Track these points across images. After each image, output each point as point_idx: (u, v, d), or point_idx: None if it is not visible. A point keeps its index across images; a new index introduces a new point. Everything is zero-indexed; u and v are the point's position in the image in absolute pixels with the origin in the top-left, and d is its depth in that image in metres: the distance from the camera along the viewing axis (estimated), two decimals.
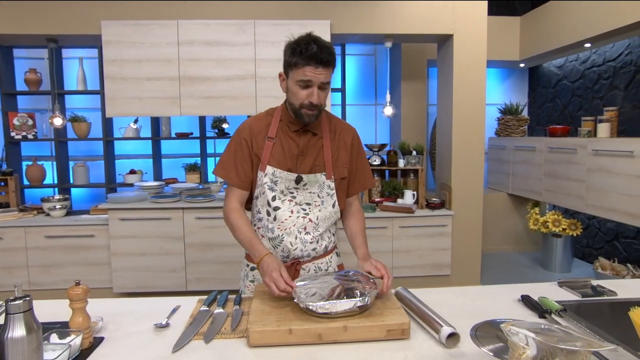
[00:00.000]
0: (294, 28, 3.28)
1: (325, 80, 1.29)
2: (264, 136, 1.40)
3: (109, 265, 3.33)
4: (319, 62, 1.25)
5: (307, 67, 1.26)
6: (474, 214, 3.61)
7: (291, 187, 1.40)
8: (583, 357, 0.85)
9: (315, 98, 1.30)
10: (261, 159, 1.39)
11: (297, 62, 1.27)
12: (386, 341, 1.08)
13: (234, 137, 1.43)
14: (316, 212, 1.42)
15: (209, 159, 4.68)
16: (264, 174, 1.39)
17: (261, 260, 1.25)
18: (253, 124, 1.42)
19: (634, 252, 3.83)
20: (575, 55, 4.40)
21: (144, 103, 3.27)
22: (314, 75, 1.27)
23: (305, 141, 1.41)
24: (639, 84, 3.67)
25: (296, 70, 1.28)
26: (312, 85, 1.29)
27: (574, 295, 1.41)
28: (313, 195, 1.42)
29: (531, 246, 4.88)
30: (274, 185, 1.39)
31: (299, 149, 1.40)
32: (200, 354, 1.03)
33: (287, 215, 1.39)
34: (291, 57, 1.29)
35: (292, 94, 1.33)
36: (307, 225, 1.40)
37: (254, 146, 1.40)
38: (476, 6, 3.40)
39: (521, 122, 4.76)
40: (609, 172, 3.22)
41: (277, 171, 1.38)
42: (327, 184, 1.43)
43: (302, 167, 1.40)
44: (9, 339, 0.82)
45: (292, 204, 1.40)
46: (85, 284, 1.06)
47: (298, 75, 1.28)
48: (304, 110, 1.32)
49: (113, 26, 3.20)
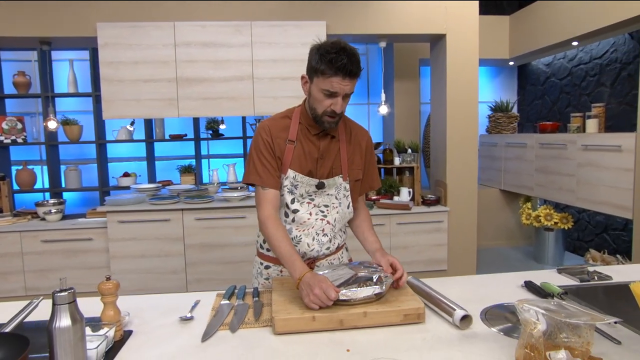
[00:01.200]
0: (290, 29, 3.33)
1: (349, 92, 1.29)
2: (285, 138, 1.39)
3: (108, 269, 3.33)
4: (347, 73, 1.24)
5: (334, 77, 1.24)
6: (468, 209, 3.70)
7: (310, 191, 1.41)
8: (587, 331, 0.92)
9: (338, 108, 1.29)
10: (283, 161, 1.38)
11: (325, 71, 1.24)
12: (403, 325, 1.14)
13: (254, 141, 1.41)
14: (334, 213, 1.44)
15: (204, 160, 4.70)
16: (284, 177, 1.39)
17: (303, 277, 1.19)
18: (272, 125, 1.41)
19: (622, 243, 3.96)
20: (562, 53, 4.53)
21: (141, 105, 3.28)
22: (340, 87, 1.26)
23: (326, 144, 1.41)
24: (625, 80, 3.80)
25: (323, 78, 1.26)
26: (337, 95, 1.28)
27: (572, 280, 1.49)
28: (331, 197, 1.44)
29: (523, 241, 4.99)
30: (294, 188, 1.39)
31: (319, 153, 1.40)
32: (229, 343, 1.07)
33: (306, 218, 1.41)
34: (319, 63, 1.25)
35: (315, 100, 1.32)
36: (325, 227, 1.43)
37: (276, 148, 1.38)
38: (468, 6, 3.49)
39: (511, 119, 4.88)
40: (598, 166, 3.33)
41: (298, 176, 1.38)
42: (343, 185, 1.45)
43: (321, 170, 1.41)
44: (56, 329, 0.85)
45: (310, 206, 1.41)
46: (115, 279, 1.10)
47: (324, 85, 1.26)
48: (326, 117, 1.32)
49: (109, 28, 3.21)
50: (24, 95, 3.99)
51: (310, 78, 1.32)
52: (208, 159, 4.76)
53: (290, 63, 3.36)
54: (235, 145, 4.61)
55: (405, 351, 1.00)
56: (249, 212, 3.33)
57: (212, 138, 4.37)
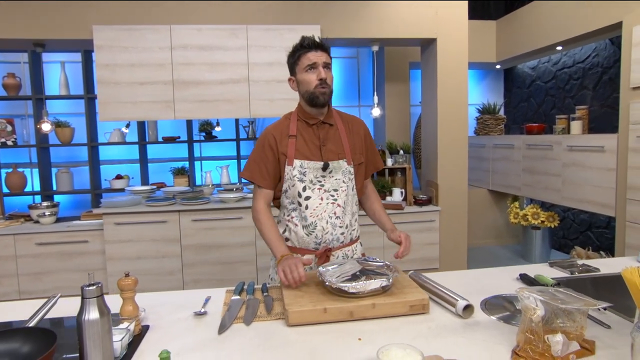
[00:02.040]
0: (285, 32, 3.39)
1: (326, 61, 1.49)
2: (287, 135, 1.54)
3: (104, 271, 3.33)
4: (316, 46, 1.49)
5: (309, 52, 1.48)
6: (459, 209, 3.80)
7: (319, 176, 1.53)
8: (580, 317, 1.00)
9: (323, 74, 1.47)
10: (287, 155, 1.52)
11: (300, 54, 1.50)
12: (409, 315, 1.20)
13: (258, 142, 1.57)
14: (343, 197, 1.56)
15: (197, 162, 4.72)
16: (292, 168, 1.52)
17: (281, 258, 1.39)
18: (274, 127, 1.57)
19: (605, 240, 4.10)
20: (547, 58, 4.68)
21: (137, 107, 3.30)
22: (316, 57, 1.48)
23: (325, 132, 1.56)
24: (606, 84, 3.95)
25: (302, 59, 1.49)
26: (317, 66, 1.48)
27: (563, 273, 1.58)
28: (338, 181, 1.55)
29: (511, 239, 5.13)
30: (303, 176, 1.52)
31: (320, 140, 1.55)
32: (245, 335, 1.13)
33: (317, 203, 1.52)
34: (293, 54, 1.53)
35: (304, 83, 1.50)
36: (336, 210, 1.54)
37: (280, 146, 1.53)
38: (457, 11, 3.60)
39: (499, 121, 5.01)
40: (583, 166, 3.47)
41: (304, 162, 1.52)
42: (348, 169, 1.57)
43: (326, 156, 1.55)
44: (86, 321, 0.89)
45: (321, 192, 1.53)
46: (134, 275, 1.14)
47: (304, 63, 1.49)
48: (318, 89, 1.48)
49: (105, 31, 3.22)
50: (14, 98, 3.96)
51: (292, 71, 1.56)
52: (200, 161, 4.78)
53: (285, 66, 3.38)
54: (229, 147, 4.64)
55: (413, 339, 1.06)
56: (245, 213, 3.37)
57: (205, 140, 4.39)
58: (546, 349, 0.95)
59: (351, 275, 1.25)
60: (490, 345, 1.03)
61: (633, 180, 2.97)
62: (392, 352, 0.89)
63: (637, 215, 2.95)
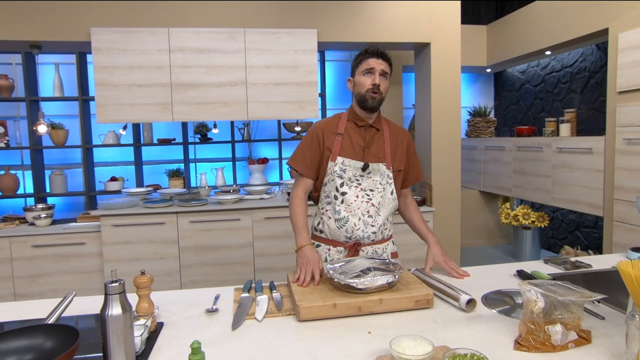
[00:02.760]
0: (283, 36, 3.44)
1: (385, 70, 1.59)
2: (334, 132, 1.66)
3: (101, 273, 3.33)
4: (379, 54, 1.59)
5: (370, 58, 1.59)
6: (453, 210, 3.87)
7: (357, 175, 1.62)
8: (577, 308, 1.06)
9: (377, 80, 1.58)
10: (332, 151, 1.63)
11: (363, 59, 1.60)
12: (414, 310, 1.26)
13: (307, 135, 1.69)
14: (378, 197, 1.64)
15: (191, 164, 4.73)
16: (334, 164, 1.62)
17: (302, 248, 1.51)
18: (325, 123, 1.70)
19: (593, 240, 4.22)
20: (536, 62, 4.80)
21: (135, 109, 3.31)
22: (375, 64, 1.58)
23: (370, 135, 1.67)
24: (593, 88, 4.07)
25: (362, 64, 1.60)
26: (374, 72, 1.58)
27: (557, 269, 1.65)
28: (375, 182, 1.64)
29: (502, 239, 5.23)
30: (343, 173, 1.62)
31: (365, 142, 1.65)
32: (258, 330, 1.17)
33: (352, 199, 1.61)
34: (357, 57, 1.64)
35: (359, 85, 1.61)
36: (369, 209, 1.63)
37: (326, 141, 1.65)
38: (451, 16, 3.68)
39: (489, 123, 5.12)
40: (572, 168, 3.57)
41: (346, 160, 1.62)
42: (386, 173, 1.65)
43: (367, 157, 1.64)
44: (109, 316, 0.93)
45: (357, 190, 1.62)
46: (149, 274, 1.17)
47: (363, 67, 1.60)
48: (369, 94, 1.58)
49: (103, 33, 3.23)
50: (8, 99, 3.94)
51: (353, 73, 1.66)
52: (195, 163, 4.79)
53: (283, 69, 3.46)
54: (224, 149, 4.67)
55: (420, 331, 1.11)
56: (243, 214, 3.40)
57: (200, 142, 4.41)
58: (546, 338, 1.01)
59: (359, 272, 1.30)
60: (493, 336, 1.09)
61: (620, 181, 3.07)
62: (404, 343, 0.94)
63: (623, 215, 3.05)
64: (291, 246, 3.46)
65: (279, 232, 3.43)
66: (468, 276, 1.56)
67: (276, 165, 4.61)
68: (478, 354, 0.88)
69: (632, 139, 2.94)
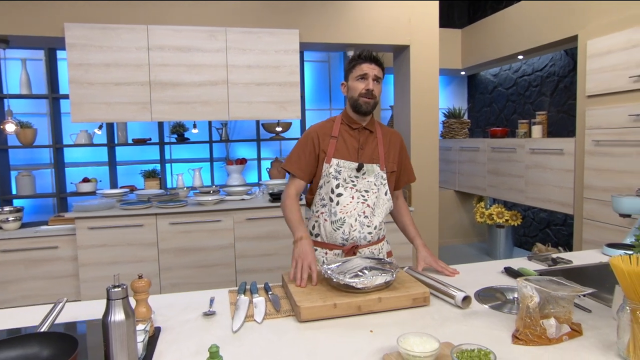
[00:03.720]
0: (264, 36, 3.42)
1: (378, 75, 1.61)
2: (329, 135, 1.68)
3: (76, 277, 3.21)
4: (372, 59, 1.61)
5: (363, 63, 1.61)
6: (431, 209, 3.96)
7: (352, 176, 1.65)
8: (567, 303, 1.11)
9: (370, 85, 1.60)
10: (327, 153, 1.65)
11: (356, 63, 1.62)
12: (412, 308, 1.28)
13: (302, 138, 1.71)
14: (373, 198, 1.65)
15: (167, 165, 4.62)
16: (329, 166, 1.64)
17: (299, 240, 1.50)
18: (319, 127, 1.72)
19: (562, 237, 4.41)
20: (508, 65, 4.97)
21: (112, 108, 3.21)
22: (369, 69, 1.60)
23: (365, 137, 1.69)
24: (562, 91, 4.26)
25: (355, 69, 1.62)
26: (367, 77, 1.60)
27: (542, 265, 1.72)
28: (370, 183, 1.66)
29: (476, 238, 5.39)
30: (338, 174, 1.64)
31: (359, 144, 1.68)
32: (259, 332, 1.16)
33: (348, 201, 1.63)
34: (350, 62, 1.65)
35: (352, 89, 1.64)
36: (365, 210, 1.64)
37: (321, 144, 1.67)
38: (429, 19, 3.77)
39: (463, 125, 5.26)
40: (544, 168, 3.72)
41: (341, 162, 1.65)
42: (380, 174, 1.67)
43: (361, 158, 1.67)
44: (112, 322, 0.90)
45: (353, 191, 1.64)
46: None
47: (357, 72, 1.61)
48: (362, 99, 1.61)
49: (78, 29, 3.12)
50: None
51: (346, 77, 1.68)
52: (171, 164, 4.69)
53: (264, 69, 3.44)
54: (200, 149, 4.59)
55: (420, 329, 1.14)
56: (224, 215, 3.35)
57: (177, 142, 4.32)
58: (542, 332, 1.06)
59: (357, 272, 1.31)
60: (491, 331, 1.13)
61: (589, 181, 3.22)
62: (411, 340, 0.95)
63: (592, 213, 3.21)
64: (273, 247, 3.45)
65: (261, 233, 3.41)
66: (458, 274, 1.61)
67: (254, 165, 4.58)
68: (484, 349, 0.91)
69: (600, 141, 3.10)
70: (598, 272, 1.63)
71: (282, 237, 3.42)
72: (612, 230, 3.03)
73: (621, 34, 2.93)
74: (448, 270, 1.61)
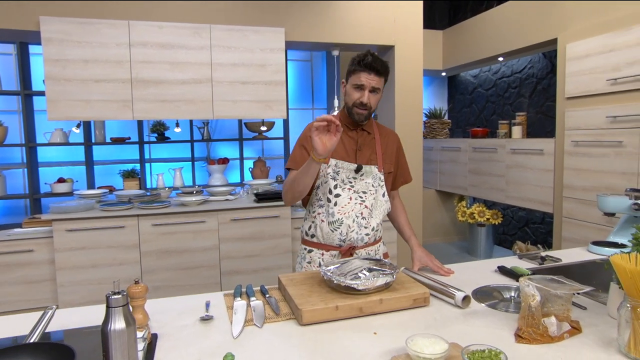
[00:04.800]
0: (250, 34, 3.37)
1: (376, 86, 1.56)
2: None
3: (53, 282, 3.08)
4: (372, 69, 1.53)
5: (362, 73, 1.54)
6: (415, 208, 4.00)
7: (350, 177, 1.63)
8: (566, 301, 1.13)
9: (365, 99, 1.55)
10: None
11: (355, 70, 1.56)
12: (413, 309, 1.28)
13: (302, 137, 1.67)
14: (371, 199, 1.63)
15: (147, 164, 4.51)
16: (327, 166, 1.61)
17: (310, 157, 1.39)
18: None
19: (540, 235, 4.53)
20: (488, 67, 5.07)
21: (91, 106, 3.10)
22: (366, 80, 1.54)
23: (363, 138, 1.68)
24: (540, 93, 4.37)
25: (354, 75, 1.57)
26: (364, 88, 1.55)
27: (532, 264, 1.75)
28: (368, 184, 1.64)
29: (456, 236, 5.47)
30: (336, 175, 1.61)
31: (358, 145, 1.66)
32: (261, 336, 1.13)
33: (346, 202, 1.60)
34: (351, 65, 1.59)
35: (348, 95, 1.61)
36: (363, 210, 1.63)
37: None
38: (413, 19, 3.80)
39: (444, 125, 5.34)
40: (524, 168, 3.81)
41: (339, 162, 1.62)
42: (378, 175, 1.66)
43: (359, 159, 1.66)
44: (112, 331, 0.86)
45: (350, 192, 1.62)
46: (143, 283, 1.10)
47: (354, 80, 1.56)
48: (356, 109, 1.58)
49: (54, 23, 2.99)
50: None
51: (346, 79, 1.63)
52: (150, 163, 4.57)
53: (249, 67, 3.39)
54: (180, 148, 4.49)
55: (424, 329, 1.14)
56: (208, 216, 3.29)
57: (158, 142, 4.21)
58: (544, 330, 1.07)
59: (357, 273, 1.30)
60: (493, 330, 1.13)
61: (568, 180, 3.32)
62: (420, 342, 0.95)
63: (572, 211, 3.30)
64: (259, 248, 3.41)
65: (246, 234, 3.36)
66: (453, 273, 1.62)
67: (235, 165, 4.51)
68: (495, 349, 0.91)
69: (579, 141, 3.19)
70: (586, 269, 1.67)
71: (268, 238, 3.38)
72: (590, 228, 3.13)
73: (599, 38, 3.03)
74: (443, 270, 1.62)
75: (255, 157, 4.47)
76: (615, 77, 2.90)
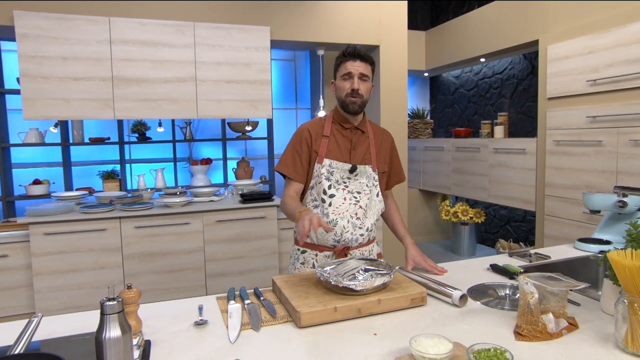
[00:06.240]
0: (235, 32, 3.32)
1: (364, 72, 1.56)
2: (321, 134, 1.64)
3: (30, 287, 2.96)
4: (356, 56, 1.56)
5: (348, 61, 1.56)
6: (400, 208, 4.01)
7: (345, 177, 1.62)
8: (561, 298, 1.14)
9: (355, 85, 1.55)
10: (319, 153, 1.61)
11: (341, 61, 1.58)
12: (411, 309, 1.27)
13: (294, 138, 1.66)
14: (365, 199, 1.62)
15: (127, 165, 4.39)
16: (321, 166, 1.61)
17: (300, 214, 1.37)
18: (311, 126, 1.67)
19: (521, 233, 4.62)
20: (469, 68, 5.14)
21: (70, 105, 3.00)
22: (353, 67, 1.55)
23: (357, 137, 1.67)
24: (521, 94, 4.46)
25: (341, 67, 1.58)
26: (352, 76, 1.56)
27: (523, 261, 1.77)
28: (362, 184, 1.62)
29: (440, 235, 5.53)
30: (330, 175, 1.61)
31: (352, 144, 1.65)
32: (259, 340, 1.10)
33: (340, 202, 1.60)
34: (336, 60, 1.61)
35: (339, 89, 1.61)
36: (357, 211, 1.61)
37: (313, 144, 1.63)
38: (398, 19, 3.82)
39: (427, 125, 5.39)
40: (507, 167, 3.87)
41: (333, 162, 1.61)
42: (372, 175, 1.65)
43: (354, 159, 1.65)
44: (107, 339, 0.82)
45: (345, 192, 1.61)
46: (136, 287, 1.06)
47: (342, 71, 1.58)
48: (349, 98, 1.58)
49: (30, 18, 2.88)
50: None
51: (334, 76, 1.64)
52: (130, 164, 4.46)
53: (234, 66, 3.34)
54: (163, 149, 4.39)
55: (425, 329, 1.13)
56: (193, 217, 3.22)
57: (139, 142, 4.11)
58: (543, 327, 1.08)
59: (354, 274, 1.29)
60: (492, 328, 1.14)
61: (550, 179, 3.39)
62: (424, 342, 0.94)
63: (553, 209, 3.38)
64: (245, 250, 3.36)
65: (231, 235, 3.31)
66: (447, 272, 1.62)
67: (218, 165, 4.44)
68: (500, 348, 0.91)
69: (560, 141, 3.26)
70: (573, 266, 1.70)
71: (254, 239, 3.34)
72: (571, 226, 3.20)
73: (579, 40, 3.11)
74: (437, 269, 1.62)
75: (239, 158, 4.41)
76: (594, 78, 2.98)
